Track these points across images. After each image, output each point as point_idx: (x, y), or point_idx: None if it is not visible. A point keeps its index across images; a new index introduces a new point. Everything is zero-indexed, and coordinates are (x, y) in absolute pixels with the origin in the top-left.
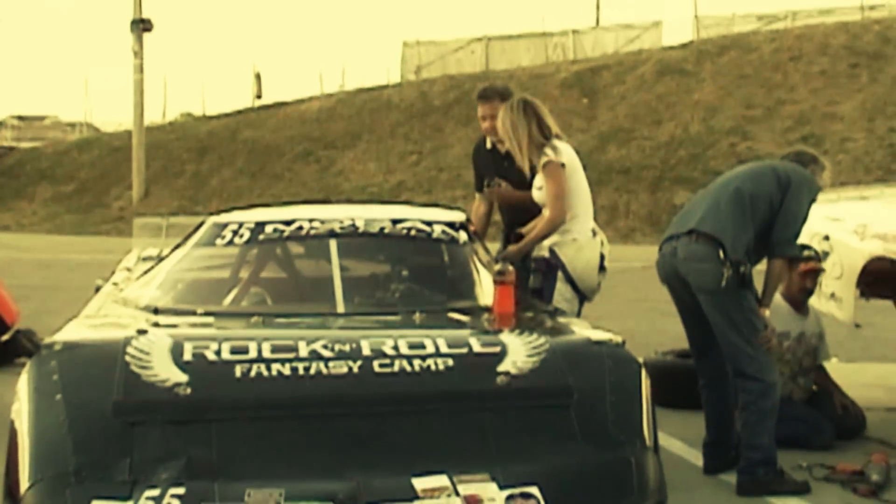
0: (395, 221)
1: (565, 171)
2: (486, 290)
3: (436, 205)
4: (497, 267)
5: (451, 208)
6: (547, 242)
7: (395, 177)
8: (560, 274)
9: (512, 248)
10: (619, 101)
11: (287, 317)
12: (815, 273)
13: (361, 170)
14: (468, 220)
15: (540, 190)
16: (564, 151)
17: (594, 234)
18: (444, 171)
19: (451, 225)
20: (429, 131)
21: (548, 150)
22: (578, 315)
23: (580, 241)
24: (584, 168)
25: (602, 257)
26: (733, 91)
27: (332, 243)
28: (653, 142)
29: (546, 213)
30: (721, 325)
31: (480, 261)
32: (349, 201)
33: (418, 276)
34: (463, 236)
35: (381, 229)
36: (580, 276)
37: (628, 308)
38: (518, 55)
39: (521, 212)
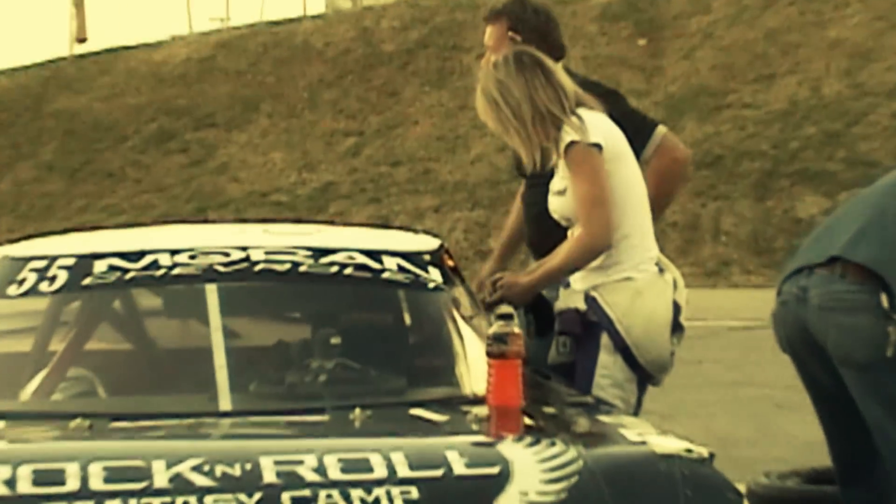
0: (318, 253)
1: (602, 159)
2: (474, 369)
3: (385, 226)
4: (493, 329)
5: (414, 231)
6: (581, 284)
7: (317, 175)
8: (605, 338)
9: (510, 278)
10: (700, 42)
11: (133, 420)
12: None
13: (260, 164)
14: (444, 248)
15: (562, 195)
16: (598, 126)
17: (661, 270)
18: (403, 164)
19: (413, 258)
20: (376, 97)
21: (568, 128)
22: (637, 410)
23: (638, 283)
24: (639, 158)
25: (676, 309)
26: None
27: (211, 292)
28: (760, 112)
29: (576, 231)
30: (882, 422)
31: (464, 317)
32: (240, 220)
33: (359, 346)
34: (434, 276)
35: (295, 267)
36: (640, 341)
37: (719, 397)
38: None
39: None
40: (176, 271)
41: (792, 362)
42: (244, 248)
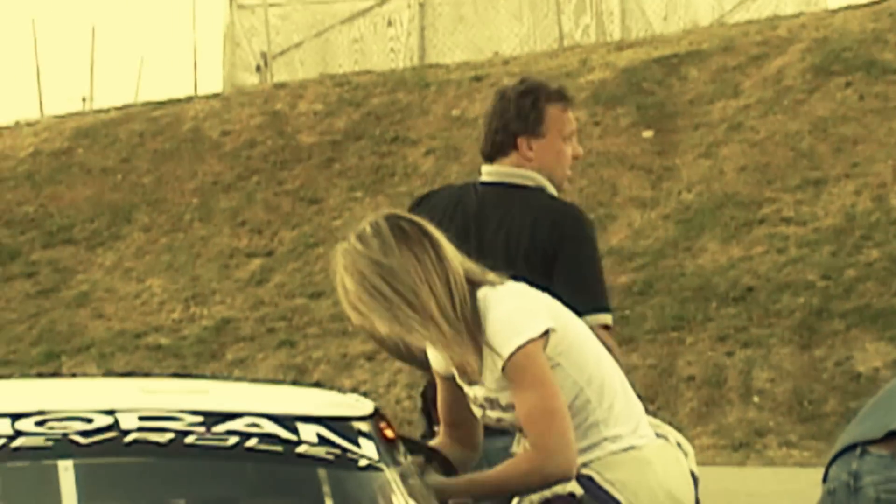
0: (211, 419)
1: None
2: None
3: (301, 383)
4: None
5: (339, 389)
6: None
7: (210, 309)
8: None
9: (448, 482)
10: (725, 136)
11: None
12: None
13: (133, 294)
14: (379, 413)
15: (505, 412)
16: (532, 304)
17: (658, 435)
18: (325, 296)
19: (339, 427)
20: (290, 205)
21: (494, 328)
22: None
23: (644, 452)
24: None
25: (695, 482)
26: None
27: (66, 471)
28: (805, 229)
29: (527, 445)
30: None
31: None
32: (105, 372)
33: None
34: (367, 451)
35: (180, 437)
36: None
37: None
38: (495, 28)
39: None
40: (17, 443)
41: None
42: (111, 412)
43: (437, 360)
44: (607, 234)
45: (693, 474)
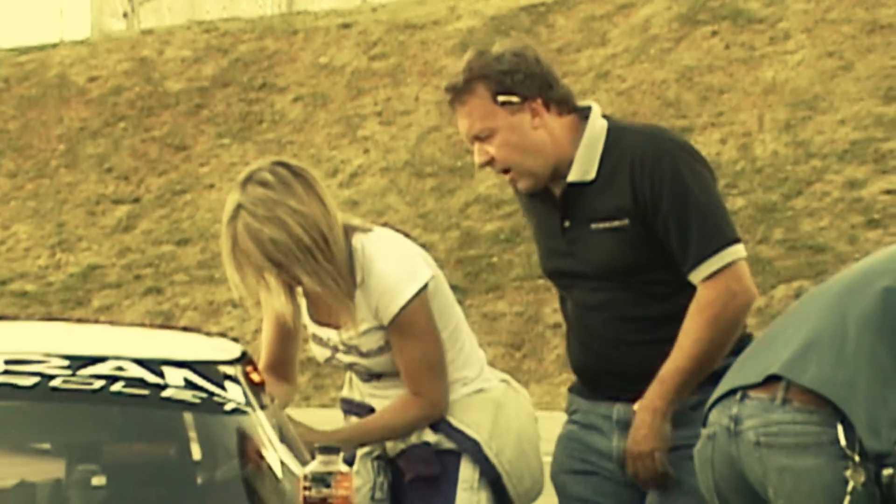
0: (76, 363)
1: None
2: None
3: (168, 327)
4: (311, 466)
5: (206, 333)
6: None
7: (76, 256)
8: (465, 471)
9: (303, 430)
10: (592, 84)
11: None
12: None
13: None
14: (247, 357)
15: (381, 354)
16: (409, 254)
17: (505, 382)
18: (192, 242)
19: (205, 371)
20: (157, 151)
21: (379, 276)
22: None
23: (495, 394)
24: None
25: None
26: (856, 60)
27: None
28: None
29: (407, 393)
30: None
31: (274, 451)
32: None
33: (130, 489)
34: (234, 395)
35: (45, 381)
36: (514, 466)
37: None
38: None
39: None
40: None
41: None
42: None
43: (281, 302)
44: (474, 182)
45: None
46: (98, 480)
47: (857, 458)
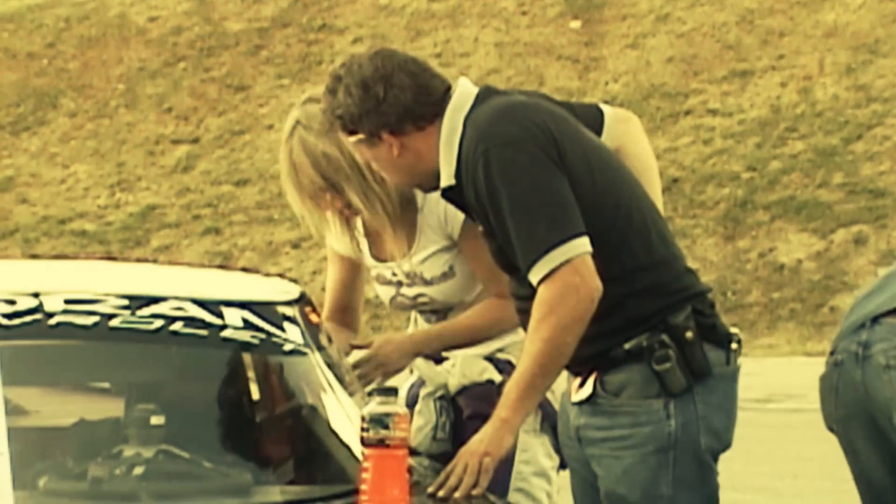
0: (135, 303)
1: None
2: (343, 459)
3: (227, 267)
4: (369, 408)
5: (265, 274)
6: (476, 350)
7: (136, 196)
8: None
9: (392, 342)
10: (652, 27)
11: None
12: None
13: (58, 180)
14: (305, 298)
15: (449, 278)
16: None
17: None
18: (251, 183)
19: (264, 311)
20: (216, 92)
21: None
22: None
23: None
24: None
25: None
26: None
27: None
28: (731, 121)
29: (483, 303)
30: None
31: (332, 391)
32: (30, 256)
33: (189, 428)
34: (292, 336)
35: (105, 321)
36: None
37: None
38: None
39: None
40: None
41: (840, 444)
42: (35, 294)
43: (341, 241)
44: None
45: None
46: (156, 419)
47: None
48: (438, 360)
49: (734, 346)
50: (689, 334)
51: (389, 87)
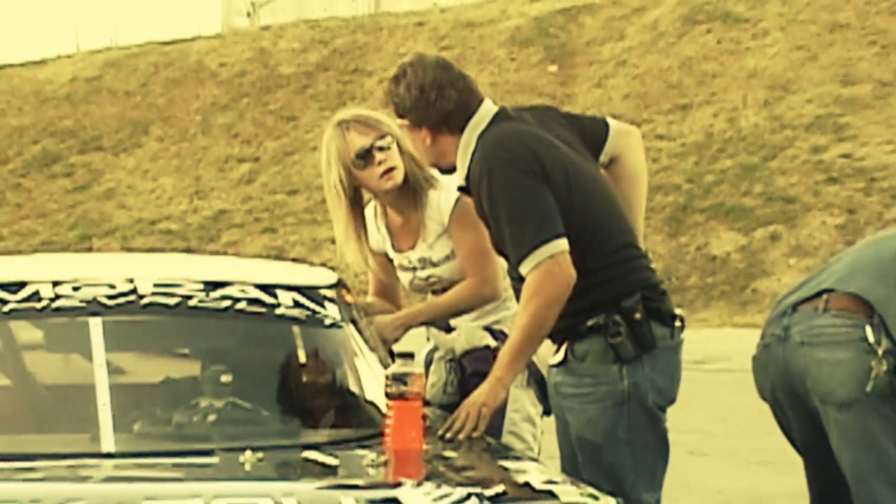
0: (209, 286)
1: None
2: (371, 410)
3: (280, 258)
4: (392, 368)
5: (310, 263)
6: (478, 322)
7: (209, 202)
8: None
9: (386, 319)
10: (613, 70)
11: (10, 461)
12: None
13: (149, 190)
14: (341, 283)
15: (452, 259)
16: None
17: None
18: (300, 192)
19: (310, 293)
20: (272, 121)
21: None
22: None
23: None
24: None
25: None
26: (820, 52)
27: (95, 326)
28: (674, 144)
29: (461, 284)
30: (859, 468)
31: (363, 356)
32: (126, 249)
33: (251, 384)
34: (332, 312)
35: (185, 300)
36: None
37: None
38: None
39: None
40: (58, 303)
41: (770, 409)
42: (131, 280)
43: (374, 238)
44: None
45: None
46: (226, 378)
47: (880, 352)
48: (448, 330)
49: (678, 324)
50: (637, 315)
51: (440, 96)
